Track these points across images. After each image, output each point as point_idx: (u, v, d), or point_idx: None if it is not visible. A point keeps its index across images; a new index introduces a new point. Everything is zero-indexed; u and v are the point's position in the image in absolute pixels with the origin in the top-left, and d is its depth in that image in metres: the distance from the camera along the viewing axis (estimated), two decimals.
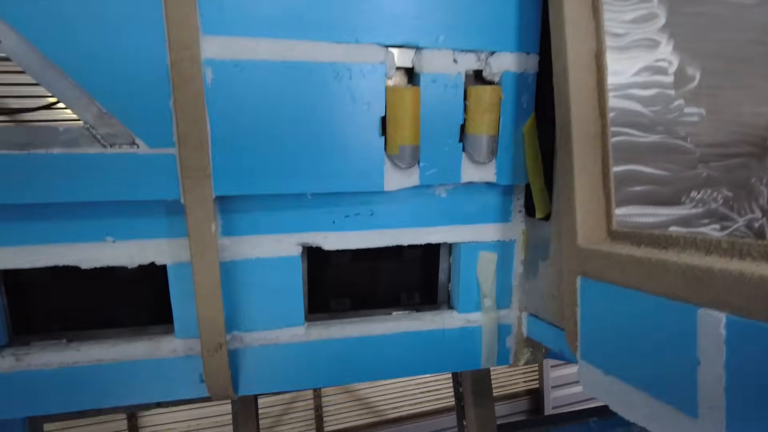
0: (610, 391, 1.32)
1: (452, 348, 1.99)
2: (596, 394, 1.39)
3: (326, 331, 1.86)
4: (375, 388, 6.18)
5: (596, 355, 1.39)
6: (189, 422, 5.35)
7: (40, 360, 1.69)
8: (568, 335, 1.53)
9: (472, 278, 1.93)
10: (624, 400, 1.27)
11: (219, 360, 1.70)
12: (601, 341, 1.37)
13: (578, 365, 1.48)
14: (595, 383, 1.39)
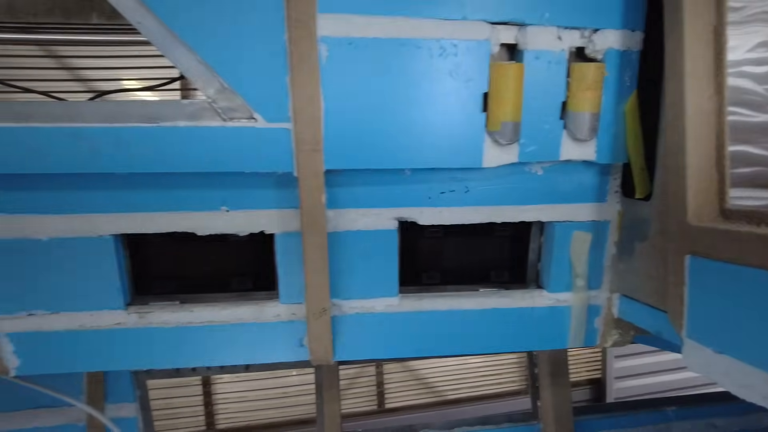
0: (721, 370, 1.31)
1: (540, 327, 2.01)
2: (705, 373, 1.38)
3: (418, 303, 1.93)
4: (436, 368, 6.25)
5: (706, 334, 1.38)
6: (257, 392, 5.62)
7: (159, 318, 1.85)
8: (673, 315, 1.52)
9: (563, 258, 1.94)
10: (739, 379, 1.26)
11: (322, 324, 1.80)
12: (711, 320, 1.36)
13: (684, 345, 1.47)
14: (704, 362, 1.38)
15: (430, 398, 6.13)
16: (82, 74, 5.30)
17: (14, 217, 1.69)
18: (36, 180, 1.64)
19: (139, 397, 2.59)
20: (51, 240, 1.72)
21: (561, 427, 2.68)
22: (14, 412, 2.50)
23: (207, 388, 5.37)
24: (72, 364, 1.89)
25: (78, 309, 1.81)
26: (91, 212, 1.71)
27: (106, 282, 1.79)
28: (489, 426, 2.79)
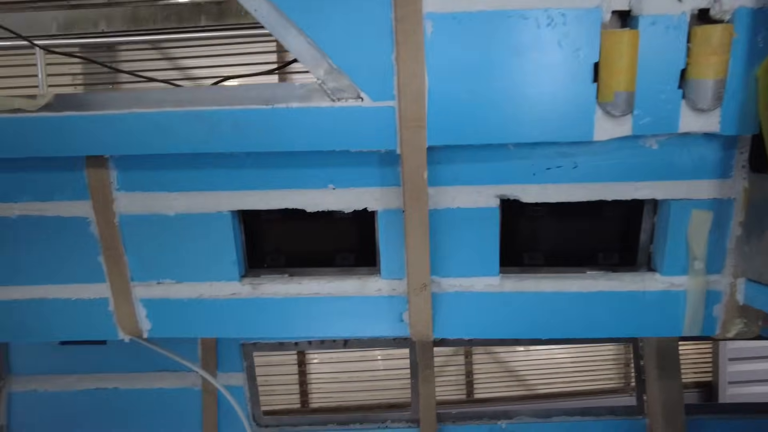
0: None
1: (651, 312, 1.90)
2: None
3: (519, 284, 1.90)
4: (527, 360, 6.10)
5: None
6: (349, 373, 5.80)
7: (270, 289, 1.98)
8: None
9: (680, 239, 1.81)
10: None
11: (423, 300, 1.83)
12: None
13: None
14: None
15: (520, 391, 5.99)
16: (191, 73, 5.75)
17: (148, 194, 1.89)
18: (165, 160, 1.82)
19: (246, 367, 2.79)
20: (177, 215, 1.90)
21: (671, 424, 2.51)
22: (140, 373, 2.79)
23: (302, 367, 5.64)
24: (193, 329, 2.07)
25: (199, 279, 1.98)
26: (212, 190, 1.86)
27: (223, 255, 1.94)
28: (589, 417, 2.68)
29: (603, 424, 2.65)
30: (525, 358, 5.95)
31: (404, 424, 2.73)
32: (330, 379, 5.70)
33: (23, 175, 1.88)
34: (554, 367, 5.95)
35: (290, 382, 5.68)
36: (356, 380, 5.76)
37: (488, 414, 2.75)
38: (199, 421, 2.76)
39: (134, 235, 1.94)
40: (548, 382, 5.92)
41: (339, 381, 5.70)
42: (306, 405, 5.80)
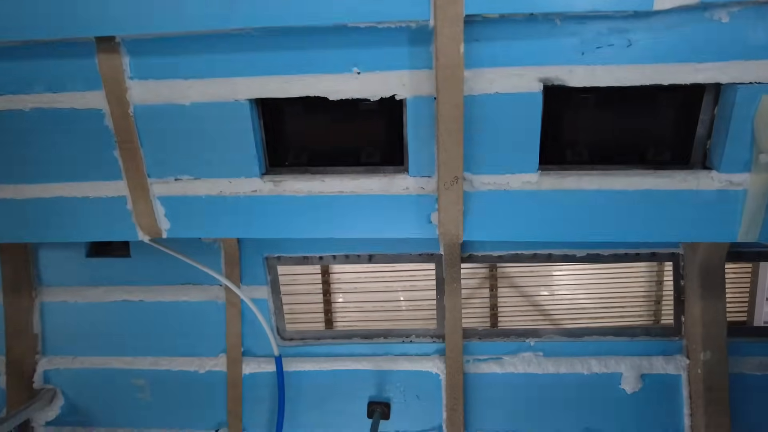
0: None
1: (705, 214, 1.74)
2: None
3: (560, 182, 1.75)
4: (554, 296, 5.97)
5: None
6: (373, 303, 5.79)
7: (292, 187, 1.87)
8: None
9: (744, 129, 1.62)
10: None
11: (453, 195, 1.71)
12: None
13: None
14: None
15: (546, 325, 5.92)
16: None
17: (162, 82, 1.77)
18: (179, 44, 1.69)
19: (270, 281, 2.75)
20: (193, 105, 1.78)
21: (712, 345, 2.39)
22: (165, 286, 2.79)
23: (327, 296, 5.68)
24: (213, 229, 2.00)
25: (218, 175, 1.89)
26: (228, 76, 1.73)
27: (243, 149, 1.84)
28: (622, 338, 2.58)
29: (636, 345, 2.55)
30: (553, 294, 5.82)
31: (429, 339, 2.68)
32: (355, 308, 5.73)
33: (35, 64, 1.78)
34: (584, 304, 5.83)
35: (315, 310, 5.73)
36: (381, 309, 5.77)
37: (516, 332, 2.68)
38: (224, 334, 2.76)
39: (150, 127, 1.84)
40: (576, 318, 5.82)
41: (364, 310, 5.73)
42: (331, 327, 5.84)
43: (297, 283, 4.07)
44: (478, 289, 6.04)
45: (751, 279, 5.86)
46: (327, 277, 5.97)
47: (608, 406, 2.55)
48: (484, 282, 6.03)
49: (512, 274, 5.85)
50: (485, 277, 5.93)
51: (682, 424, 2.52)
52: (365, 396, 2.69)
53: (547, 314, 6.03)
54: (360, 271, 3.38)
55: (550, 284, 6.13)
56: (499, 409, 2.60)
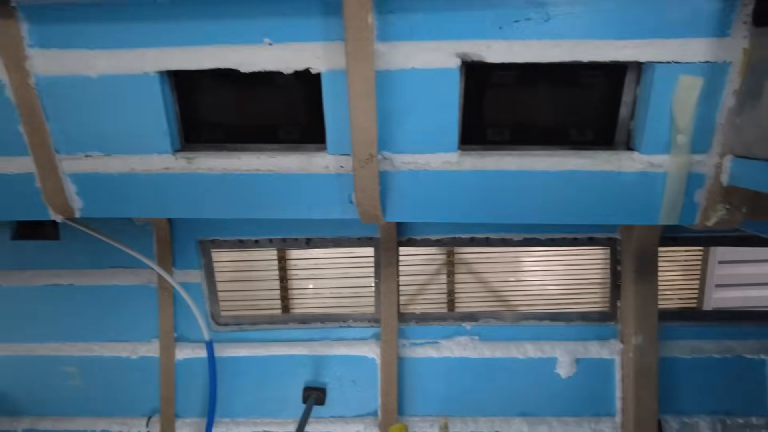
0: None
1: (627, 196, 1.71)
2: None
3: (480, 161, 1.70)
4: (510, 282, 6.00)
5: None
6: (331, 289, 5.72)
7: (206, 164, 1.78)
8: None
9: (663, 110, 1.59)
10: None
11: (369, 172, 1.64)
12: None
13: None
14: None
15: (502, 309, 5.95)
16: None
17: (66, 52, 1.65)
18: (81, 11, 1.57)
19: (204, 264, 2.66)
20: (100, 77, 1.67)
21: (643, 330, 2.41)
22: (95, 270, 2.67)
23: (284, 283, 5.60)
24: (126, 208, 1.90)
25: (129, 152, 1.79)
26: (136, 47, 1.62)
27: (153, 124, 1.74)
28: (559, 322, 2.58)
29: (573, 330, 2.55)
30: (509, 279, 5.84)
31: (366, 323, 2.64)
32: (313, 294, 5.67)
33: None
34: (541, 290, 5.87)
35: (272, 297, 5.66)
36: (338, 296, 5.72)
37: (454, 316, 2.65)
38: (157, 318, 2.67)
39: (55, 100, 1.72)
40: (533, 303, 5.87)
41: (321, 296, 5.68)
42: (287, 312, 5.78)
43: (254, 269, 3.99)
44: (436, 275, 6.03)
45: (702, 264, 6.00)
46: (284, 263, 5.88)
47: (543, 390, 2.55)
48: (441, 269, 6.03)
49: (470, 260, 5.86)
50: (443, 263, 5.92)
51: (614, 407, 2.54)
52: (301, 381, 2.64)
53: (502, 299, 6.04)
54: (320, 256, 3.34)
55: (507, 270, 6.13)
56: (435, 394, 2.58)
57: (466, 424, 2.57)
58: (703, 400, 2.52)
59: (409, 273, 4.50)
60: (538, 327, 2.57)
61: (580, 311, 2.63)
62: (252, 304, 4.68)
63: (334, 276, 5.91)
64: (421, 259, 5.81)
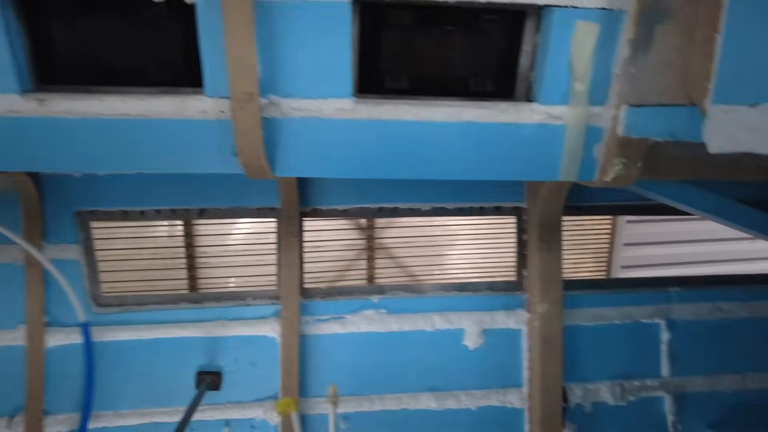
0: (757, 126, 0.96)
1: (527, 150, 1.65)
2: (732, 145, 1.04)
3: (377, 110, 1.57)
4: (429, 266, 5.99)
5: (739, 90, 1.02)
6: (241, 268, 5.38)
7: (62, 107, 1.52)
8: (694, 87, 1.16)
9: (562, 59, 1.54)
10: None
11: (250, 115, 1.46)
12: (749, 65, 1.00)
13: (707, 121, 1.11)
14: (732, 129, 1.03)
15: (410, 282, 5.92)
16: None
17: None
18: None
19: (82, 239, 2.35)
20: None
21: (548, 299, 2.41)
22: None
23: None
24: None
25: None
26: None
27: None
28: (467, 293, 2.53)
29: (480, 300, 2.51)
30: (428, 263, 5.83)
31: (267, 300, 2.45)
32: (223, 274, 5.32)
33: None
34: (457, 266, 5.90)
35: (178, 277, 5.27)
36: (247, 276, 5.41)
37: (361, 290, 2.53)
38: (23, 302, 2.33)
39: None
40: (446, 275, 5.88)
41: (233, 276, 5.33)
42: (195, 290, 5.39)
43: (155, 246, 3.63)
44: (356, 260, 5.89)
45: (611, 235, 6.34)
46: (191, 239, 5.48)
47: (451, 363, 2.49)
48: (362, 254, 5.91)
49: (386, 235, 5.77)
50: (363, 238, 5.81)
51: (521, 376, 2.53)
52: (194, 366, 2.41)
53: (415, 272, 6.00)
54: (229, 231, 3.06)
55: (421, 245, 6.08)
56: (341, 372, 2.45)
57: (373, 402, 2.46)
58: (604, 366, 2.57)
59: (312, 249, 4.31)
60: (447, 298, 2.50)
61: (488, 281, 2.59)
62: (153, 285, 4.29)
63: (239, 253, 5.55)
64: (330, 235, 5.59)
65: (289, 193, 2.23)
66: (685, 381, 2.62)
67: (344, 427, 2.44)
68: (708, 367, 2.63)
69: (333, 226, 5.51)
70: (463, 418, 2.49)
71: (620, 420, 2.56)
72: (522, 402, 2.51)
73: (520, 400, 2.51)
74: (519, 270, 2.53)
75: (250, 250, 5.32)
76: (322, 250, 5.36)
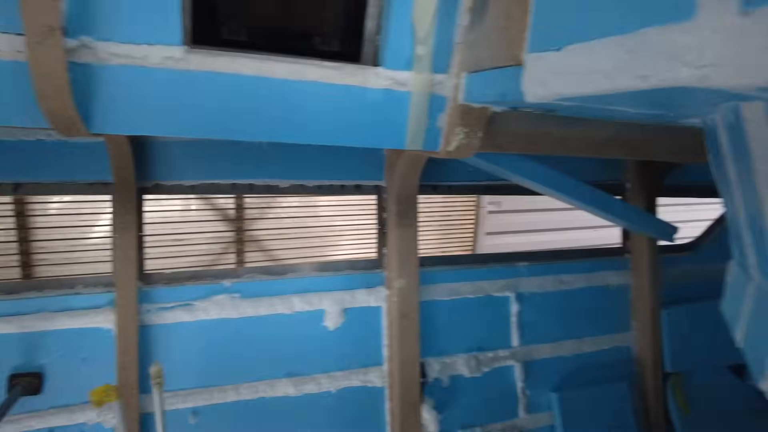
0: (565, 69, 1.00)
1: (373, 115, 1.63)
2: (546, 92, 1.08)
3: (212, 61, 1.44)
4: (281, 241, 5.77)
5: (548, 37, 1.07)
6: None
7: None
8: (515, 44, 1.20)
9: (405, 23, 1.54)
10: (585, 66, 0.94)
11: (51, 53, 1.25)
12: (557, 14, 1.05)
13: (524, 69, 1.16)
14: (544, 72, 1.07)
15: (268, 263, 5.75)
16: None
17: None
18: None
19: None
20: None
21: (405, 275, 2.43)
22: None
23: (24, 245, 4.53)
24: None
25: None
26: None
27: None
28: (327, 272, 2.46)
29: (341, 280, 2.46)
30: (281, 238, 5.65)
31: (101, 288, 2.16)
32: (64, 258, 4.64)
33: None
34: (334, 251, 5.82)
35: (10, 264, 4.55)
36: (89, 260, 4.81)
37: (211, 274, 2.34)
38: None
39: None
40: (313, 255, 5.77)
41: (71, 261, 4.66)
42: (30, 278, 4.69)
43: None
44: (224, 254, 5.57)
45: (475, 225, 6.72)
46: (23, 221, 4.78)
47: (311, 345, 2.41)
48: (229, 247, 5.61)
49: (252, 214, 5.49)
50: (232, 219, 5.49)
51: (381, 355, 2.52)
52: (5, 368, 2.05)
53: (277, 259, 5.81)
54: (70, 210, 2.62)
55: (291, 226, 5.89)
56: (189, 363, 2.24)
57: (226, 393, 2.28)
58: (459, 339, 2.66)
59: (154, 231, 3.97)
60: (307, 279, 2.41)
61: (349, 260, 2.55)
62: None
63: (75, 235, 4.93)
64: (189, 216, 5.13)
65: (123, 163, 1.98)
66: (532, 349, 2.81)
67: (193, 422, 2.24)
68: (552, 335, 2.85)
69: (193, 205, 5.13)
70: (324, 402, 2.42)
71: (475, 391, 2.67)
72: (383, 380, 2.51)
73: (380, 379, 2.51)
74: (380, 248, 2.53)
75: (86, 232, 4.74)
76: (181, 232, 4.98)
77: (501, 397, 2.76)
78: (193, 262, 4.99)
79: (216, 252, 5.28)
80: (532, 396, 2.81)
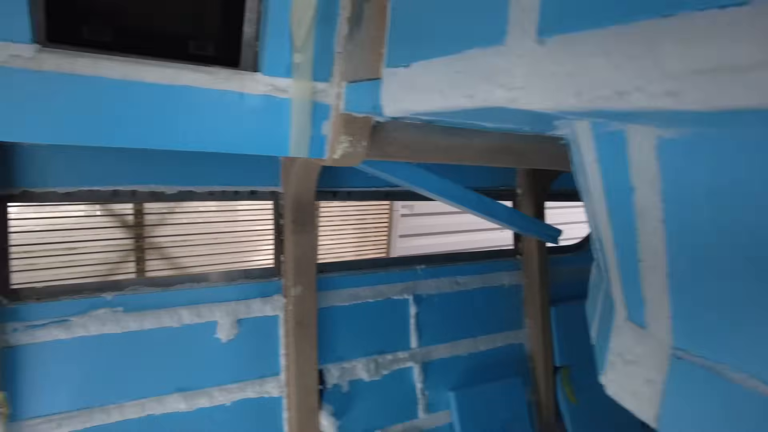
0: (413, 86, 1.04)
1: (253, 122, 1.60)
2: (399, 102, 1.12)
3: (69, 63, 1.35)
4: (185, 248, 5.54)
5: (400, 52, 1.11)
6: None
7: None
8: (376, 53, 1.23)
9: (284, 29, 1.53)
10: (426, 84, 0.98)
11: None
12: (409, 25, 1.09)
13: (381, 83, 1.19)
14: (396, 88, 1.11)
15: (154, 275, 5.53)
16: None
17: None
18: None
19: None
20: None
21: (302, 281, 2.41)
22: None
23: None
24: None
25: None
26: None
27: None
28: (219, 283, 2.39)
29: (235, 290, 2.40)
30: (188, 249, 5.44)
31: None
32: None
33: None
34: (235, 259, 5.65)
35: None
36: None
37: (90, 287, 2.19)
38: None
39: None
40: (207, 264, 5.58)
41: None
42: None
43: None
44: (123, 264, 5.24)
45: (389, 227, 6.83)
46: None
47: (202, 359, 2.32)
48: (129, 255, 5.29)
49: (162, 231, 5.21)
50: (132, 225, 5.17)
51: (278, 364, 2.49)
52: None
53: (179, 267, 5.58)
54: None
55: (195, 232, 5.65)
56: (66, 383, 2.08)
57: (109, 414, 2.14)
58: (359, 344, 2.68)
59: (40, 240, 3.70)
60: (197, 290, 2.32)
61: (243, 269, 2.49)
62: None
63: None
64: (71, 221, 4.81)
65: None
66: (430, 350, 2.89)
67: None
68: (449, 335, 2.95)
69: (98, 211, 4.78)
70: (218, 416, 2.34)
71: (375, 394, 2.71)
72: (280, 390, 2.47)
73: (278, 389, 2.47)
74: (277, 255, 2.49)
75: None
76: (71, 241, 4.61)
77: (401, 399, 2.81)
78: (86, 272, 4.65)
79: (113, 261, 4.95)
80: (430, 396, 2.89)
